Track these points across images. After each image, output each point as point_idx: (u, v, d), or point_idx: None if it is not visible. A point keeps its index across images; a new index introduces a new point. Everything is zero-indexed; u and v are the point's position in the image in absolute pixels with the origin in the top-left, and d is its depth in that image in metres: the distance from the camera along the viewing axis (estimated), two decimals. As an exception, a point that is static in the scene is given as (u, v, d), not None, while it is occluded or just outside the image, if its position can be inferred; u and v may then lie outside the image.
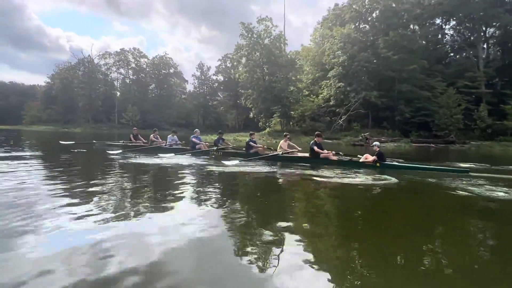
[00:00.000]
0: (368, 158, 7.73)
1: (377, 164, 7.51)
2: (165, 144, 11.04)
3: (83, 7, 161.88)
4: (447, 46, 39.14)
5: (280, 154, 8.73)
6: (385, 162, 7.64)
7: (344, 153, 8.69)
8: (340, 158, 8.24)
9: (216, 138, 10.79)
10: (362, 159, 7.87)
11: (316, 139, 8.39)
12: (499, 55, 35.80)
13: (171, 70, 74.80)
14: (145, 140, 11.96)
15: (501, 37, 34.18)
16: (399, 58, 29.40)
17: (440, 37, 38.42)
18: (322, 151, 8.27)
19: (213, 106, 79.26)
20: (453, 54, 40.35)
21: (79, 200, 3.77)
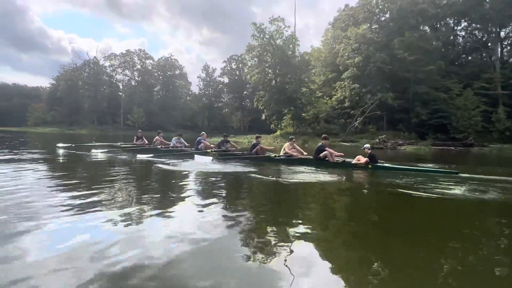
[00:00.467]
0: (361, 160, 7.94)
1: (369, 166, 7.72)
2: (171, 147, 11.25)
3: (85, 9, 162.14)
4: (459, 47, 38.62)
5: (272, 156, 9.13)
6: (377, 164, 7.84)
7: (338, 155, 8.93)
8: (336, 160, 8.48)
9: (220, 141, 10.84)
10: (355, 161, 8.07)
11: (324, 142, 8.55)
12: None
13: (177, 72, 74.38)
14: (147, 142, 12.26)
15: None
16: (416, 59, 28.81)
17: (452, 38, 37.91)
18: (332, 152, 8.45)
19: (218, 108, 78.88)
20: (465, 56, 39.84)
21: (80, 202, 3.77)
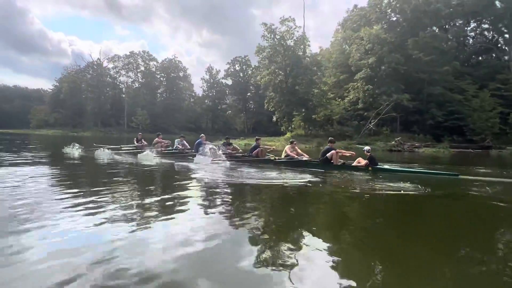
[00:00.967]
0: (361, 162, 7.96)
1: (369, 168, 7.73)
2: (171, 149, 11.27)
3: (85, 11, 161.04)
4: (471, 48, 38.09)
5: (272, 159, 8.98)
6: (377, 166, 7.83)
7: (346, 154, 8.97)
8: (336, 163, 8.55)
9: (223, 143, 10.75)
10: (355, 163, 8.10)
11: (329, 145, 8.53)
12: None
13: (181, 74, 73.75)
14: (146, 143, 12.45)
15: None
16: (431, 60, 28.23)
17: (462, 39, 37.38)
18: (342, 152, 8.54)
19: (222, 110, 78.27)
20: (475, 56, 39.27)
21: (80, 204, 3.75)
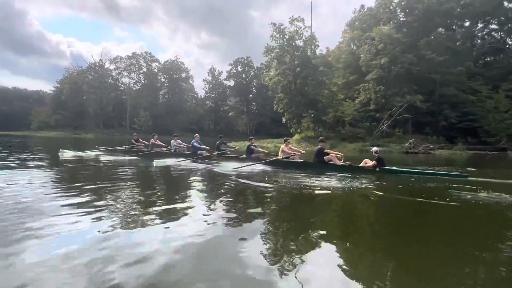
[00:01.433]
0: (368, 163, 7.87)
1: (377, 169, 7.64)
2: (171, 149, 11.04)
3: (84, 13, 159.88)
4: (480, 48, 37.65)
5: (281, 159, 8.74)
6: (385, 167, 7.74)
7: (345, 159, 8.85)
8: (342, 163, 8.39)
9: (218, 142, 10.61)
10: (362, 164, 8.02)
11: (321, 145, 8.67)
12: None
13: (183, 75, 73.08)
14: (143, 142, 12.44)
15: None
16: (444, 60, 27.75)
17: (471, 38, 36.94)
18: (330, 153, 8.54)
19: (224, 111, 77.70)
20: (484, 56, 38.83)
21: (79, 206, 3.71)
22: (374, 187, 5.81)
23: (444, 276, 2.14)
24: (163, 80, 72.50)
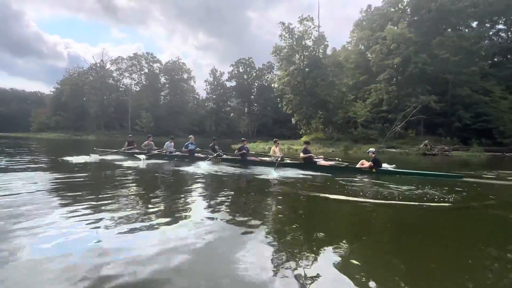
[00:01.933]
0: (364, 164, 7.92)
1: (373, 170, 7.64)
2: (164, 151, 11.04)
3: (81, 14, 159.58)
4: (490, 48, 37.24)
5: (275, 160, 8.91)
6: (381, 168, 7.73)
7: (342, 160, 8.98)
8: (337, 164, 8.51)
9: (211, 145, 10.66)
10: (359, 165, 8.05)
11: (305, 146, 8.93)
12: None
13: (184, 76, 72.20)
14: (135, 145, 12.39)
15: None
16: (458, 60, 27.25)
17: (482, 38, 36.46)
18: (310, 155, 8.72)
19: (226, 113, 76.95)
20: (494, 55, 38.34)
21: (77, 208, 3.67)
22: (371, 188, 5.87)
23: (452, 279, 2.14)
24: (165, 81, 71.56)
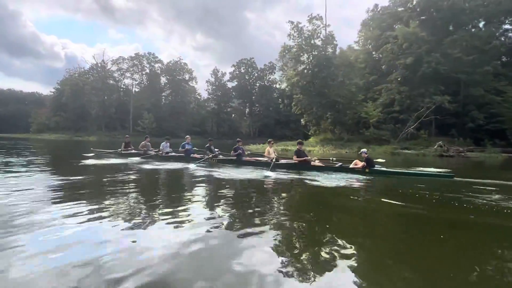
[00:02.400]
0: (358, 164, 8.03)
1: (366, 170, 7.74)
2: (160, 152, 11.04)
3: (78, 15, 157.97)
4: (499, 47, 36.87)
5: (269, 161, 8.94)
6: (374, 168, 7.85)
7: (337, 159, 9.02)
8: (331, 164, 8.56)
9: (207, 145, 10.64)
10: (352, 165, 8.17)
11: (298, 147, 8.94)
12: None
13: (186, 76, 71.42)
14: (133, 147, 12.26)
15: None
16: (472, 59, 26.78)
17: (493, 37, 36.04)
18: (302, 158, 8.65)
19: (227, 113, 76.27)
20: (503, 56, 37.95)
21: (75, 209, 3.66)
22: (365, 188, 5.94)
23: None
24: (166, 81, 70.75)
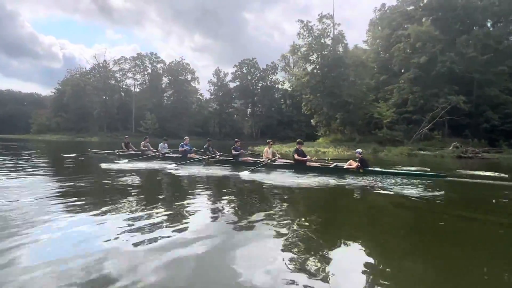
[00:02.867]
0: (352, 165, 8.09)
1: (360, 170, 7.83)
2: (157, 152, 11.06)
3: (76, 15, 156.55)
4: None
5: (266, 162, 8.99)
6: (368, 168, 7.93)
7: (331, 159, 9.18)
8: (326, 164, 8.65)
9: (206, 146, 10.61)
10: (346, 166, 8.23)
11: (298, 147, 8.87)
12: None
13: (188, 76, 70.71)
14: (136, 148, 12.21)
15: None
16: (487, 59, 26.32)
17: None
18: (303, 158, 8.64)
19: (229, 114, 75.69)
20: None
21: (73, 211, 3.66)
22: (357, 188, 6.00)
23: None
24: (168, 82, 70.03)
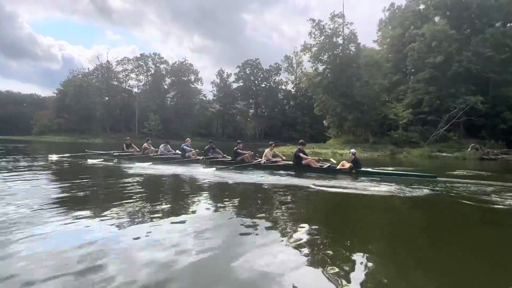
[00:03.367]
0: (345, 165, 8.14)
1: (353, 171, 7.89)
2: (156, 154, 11.19)
3: (75, 16, 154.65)
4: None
5: (263, 163, 9.15)
6: (361, 169, 7.97)
7: (323, 160, 9.37)
8: (320, 165, 8.67)
9: (207, 147, 10.68)
10: (339, 166, 8.28)
11: (301, 147, 8.96)
12: None
13: (192, 77, 70.02)
14: (138, 149, 12.12)
15: None
16: (505, 58, 25.77)
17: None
18: (307, 157, 8.70)
19: (232, 115, 75.07)
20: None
21: (72, 212, 3.61)
22: (351, 188, 6.05)
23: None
24: (171, 83, 69.32)
